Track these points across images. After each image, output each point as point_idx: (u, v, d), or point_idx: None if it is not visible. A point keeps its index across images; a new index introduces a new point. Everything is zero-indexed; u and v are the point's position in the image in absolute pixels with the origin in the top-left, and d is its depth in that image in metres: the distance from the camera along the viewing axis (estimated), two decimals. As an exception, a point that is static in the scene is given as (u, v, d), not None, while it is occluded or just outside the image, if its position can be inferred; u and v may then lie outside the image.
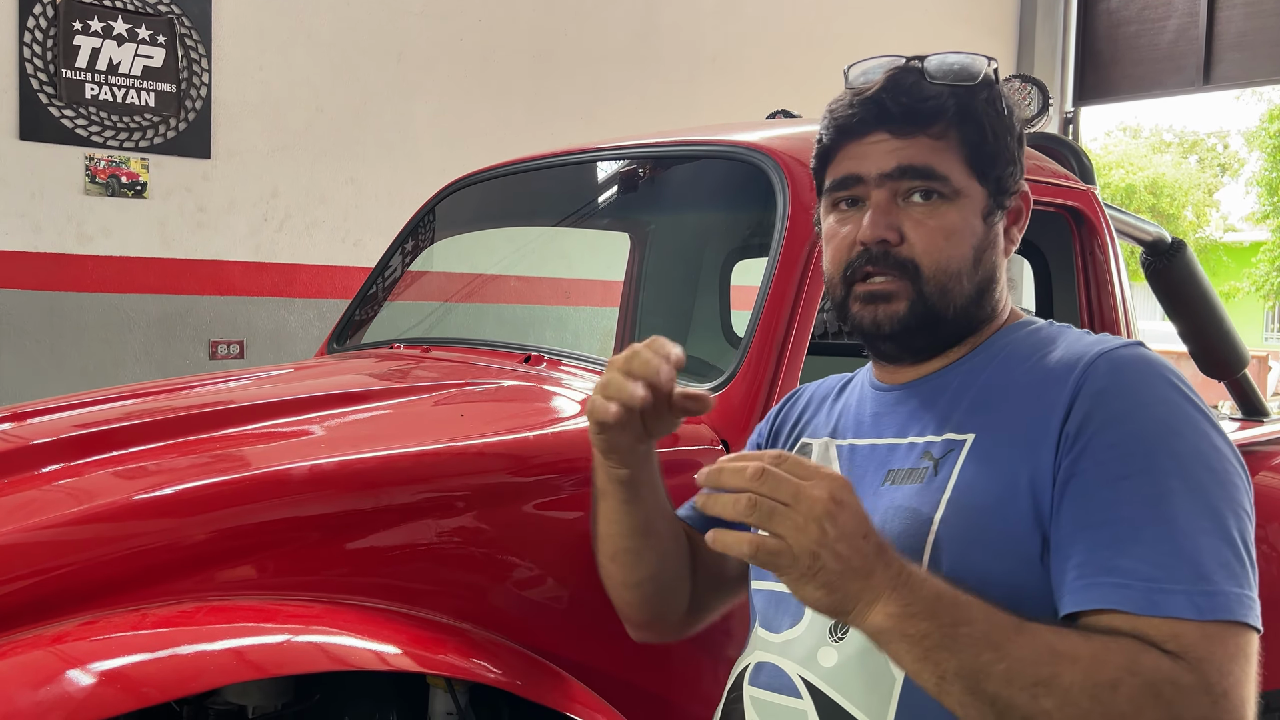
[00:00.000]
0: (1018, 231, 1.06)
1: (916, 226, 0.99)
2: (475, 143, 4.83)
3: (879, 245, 0.99)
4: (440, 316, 2.43)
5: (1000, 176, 1.01)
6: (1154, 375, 0.91)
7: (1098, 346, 0.94)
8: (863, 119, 1.00)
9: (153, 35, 4.07)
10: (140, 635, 0.94)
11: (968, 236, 1.00)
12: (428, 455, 1.25)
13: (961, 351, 1.04)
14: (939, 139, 0.99)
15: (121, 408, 1.52)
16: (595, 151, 2.03)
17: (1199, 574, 0.81)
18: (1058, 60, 7.61)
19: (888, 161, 0.99)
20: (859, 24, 6.36)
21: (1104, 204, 2.00)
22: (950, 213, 0.99)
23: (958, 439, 0.96)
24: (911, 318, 1.00)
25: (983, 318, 1.04)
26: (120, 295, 4.09)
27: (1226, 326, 2.51)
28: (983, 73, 1.00)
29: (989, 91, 1.00)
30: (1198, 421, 0.88)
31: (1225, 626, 0.81)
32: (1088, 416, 0.88)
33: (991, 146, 1.00)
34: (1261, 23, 6.89)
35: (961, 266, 1.00)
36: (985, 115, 1.00)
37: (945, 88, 0.99)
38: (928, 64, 1.00)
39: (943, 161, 0.98)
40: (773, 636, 1.04)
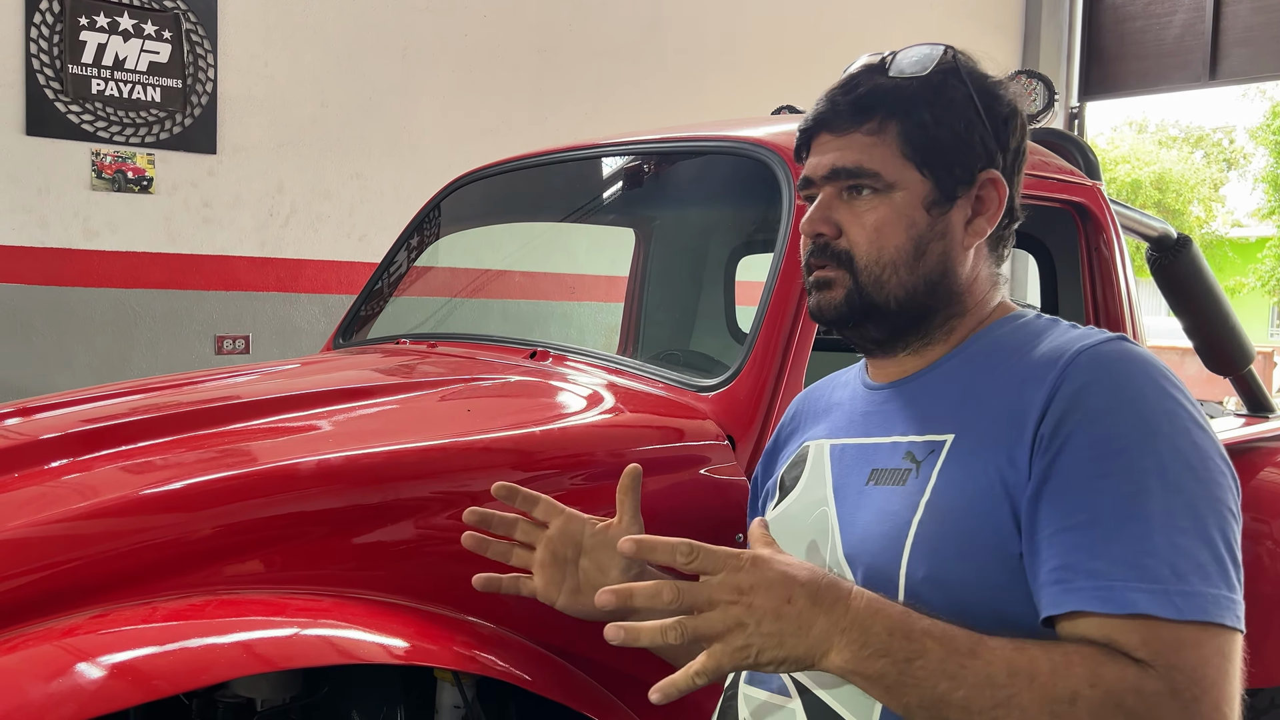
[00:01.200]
0: (986, 222, 1.03)
1: (851, 221, 1.02)
2: (480, 138, 4.83)
3: (818, 239, 1.03)
4: (446, 312, 2.43)
5: (949, 165, 1.00)
6: (1135, 370, 0.89)
7: (1079, 342, 0.92)
8: (816, 117, 1.05)
9: (158, 30, 4.08)
10: (150, 629, 0.95)
11: (903, 227, 1.00)
12: (434, 450, 1.25)
13: (940, 350, 1.03)
14: (874, 134, 1.00)
15: (128, 403, 1.53)
16: (601, 147, 2.03)
17: (1175, 574, 0.80)
18: (1063, 55, 7.59)
19: (824, 165, 1.03)
20: (864, 19, 6.35)
21: (1110, 199, 2.00)
22: (882, 206, 1.00)
23: (937, 440, 0.96)
24: (847, 306, 1.02)
25: (946, 310, 1.02)
26: (126, 290, 4.10)
27: (1232, 322, 2.51)
28: (933, 64, 1.00)
29: (942, 80, 1.00)
30: (1179, 418, 0.87)
31: (1201, 628, 0.79)
32: (1065, 415, 0.87)
33: (933, 135, 1.00)
34: (1268, 17, 6.87)
35: (896, 257, 1.00)
36: (930, 105, 1.00)
37: (891, 81, 1.01)
38: (896, 57, 1.03)
39: (873, 158, 1.00)
40: None
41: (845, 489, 1.02)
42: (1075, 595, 0.82)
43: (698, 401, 1.48)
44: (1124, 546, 0.82)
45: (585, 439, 1.36)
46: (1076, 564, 0.83)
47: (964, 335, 1.03)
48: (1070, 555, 0.83)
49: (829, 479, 1.05)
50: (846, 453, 1.05)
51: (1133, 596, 0.80)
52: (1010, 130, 1.03)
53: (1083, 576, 0.82)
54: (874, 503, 0.97)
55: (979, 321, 1.04)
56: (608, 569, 1.08)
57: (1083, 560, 0.82)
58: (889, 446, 1.00)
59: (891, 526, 0.93)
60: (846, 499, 1.01)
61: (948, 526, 0.90)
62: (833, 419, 1.11)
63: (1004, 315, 1.04)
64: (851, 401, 1.11)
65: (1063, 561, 0.84)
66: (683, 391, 1.51)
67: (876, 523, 0.95)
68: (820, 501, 1.03)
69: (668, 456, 1.39)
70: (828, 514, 1.01)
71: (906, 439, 0.99)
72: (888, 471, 0.98)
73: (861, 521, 0.97)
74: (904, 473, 0.96)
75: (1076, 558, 0.83)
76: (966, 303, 1.03)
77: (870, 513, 0.97)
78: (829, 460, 1.07)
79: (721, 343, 2.45)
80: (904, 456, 0.97)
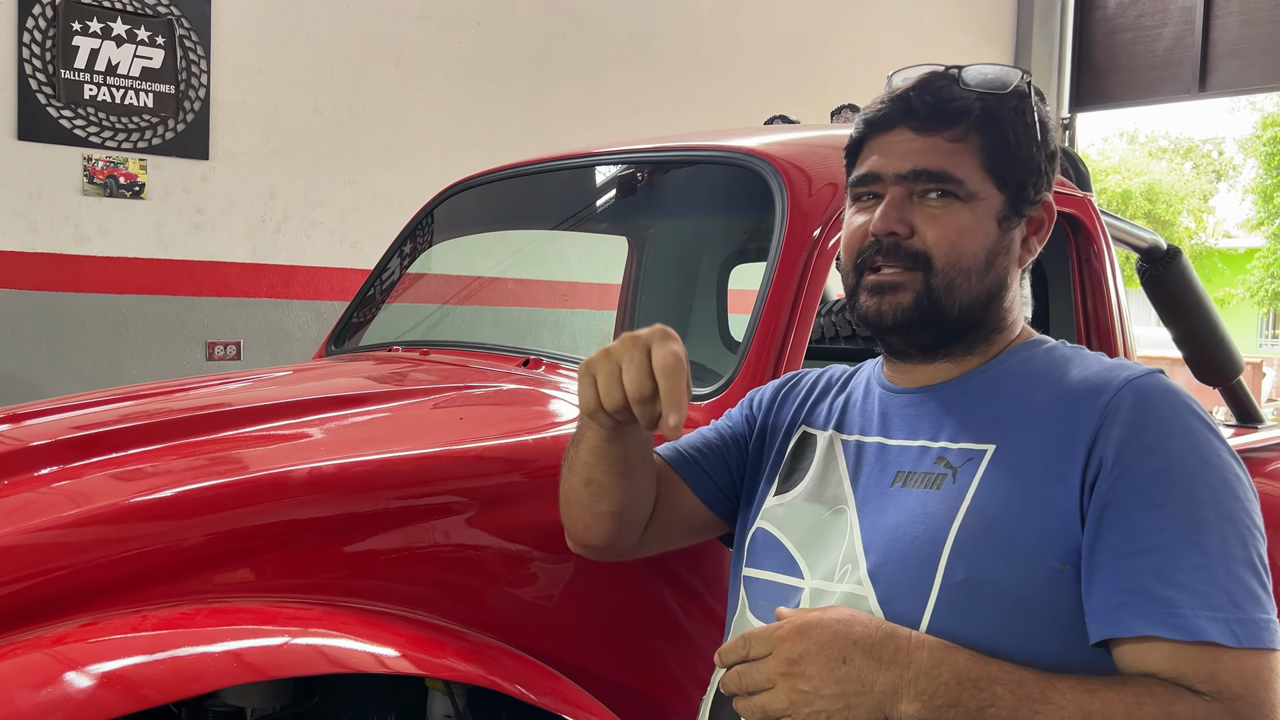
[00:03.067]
0: (1037, 242, 1.07)
1: (929, 221, 1.01)
2: (473, 146, 4.83)
3: (889, 238, 1.02)
4: (438, 319, 2.43)
5: (1021, 184, 1.03)
6: (1180, 405, 0.93)
7: (1122, 373, 0.96)
8: (889, 114, 1.04)
9: (152, 36, 4.07)
10: (140, 637, 0.94)
11: (980, 237, 1.02)
12: (427, 458, 1.25)
13: (976, 361, 1.05)
14: (958, 141, 1.01)
15: (119, 409, 1.52)
16: (594, 156, 2.03)
17: (1233, 602, 0.84)
18: (1055, 67, 7.63)
19: (904, 163, 1.02)
20: (857, 30, 6.37)
21: (1100, 211, 2.01)
22: (963, 212, 1.01)
23: (977, 449, 0.97)
24: (915, 310, 1.02)
25: (991, 324, 1.05)
26: (117, 296, 4.09)
27: (1221, 333, 2.52)
28: (1014, 84, 1.03)
29: (1019, 102, 1.03)
30: (1220, 451, 0.91)
31: (1258, 654, 0.84)
32: (1123, 445, 0.90)
33: (1013, 153, 1.02)
34: (1257, 30, 6.92)
35: (972, 264, 1.01)
36: (1010, 123, 1.02)
37: (974, 93, 1.02)
38: (964, 73, 1.04)
39: (959, 165, 1.01)
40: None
41: (868, 489, 1.03)
42: (1143, 620, 0.85)
43: (690, 410, 1.48)
44: (1187, 575, 0.85)
45: (578, 448, 1.35)
46: (1144, 588, 0.86)
47: (996, 351, 1.06)
48: (1137, 579, 0.86)
49: (844, 475, 1.06)
50: (865, 451, 1.06)
51: (1201, 624, 0.83)
52: (1055, 163, 1.08)
53: (1150, 601, 0.85)
54: (904, 504, 0.98)
55: (1007, 339, 1.07)
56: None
57: (1151, 585, 0.85)
58: (917, 450, 1.02)
59: (927, 528, 0.95)
60: (868, 499, 1.02)
61: (991, 533, 0.92)
62: (843, 413, 1.12)
63: (1029, 338, 1.08)
64: (865, 400, 1.11)
65: (1129, 585, 0.86)
66: (675, 400, 1.51)
67: (909, 524, 0.96)
68: (838, 499, 1.04)
69: (660, 465, 1.39)
70: (846, 511, 1.03)
71: (938, 444, 1.00)
72: (918, 475, 0.99)
73: (889, 522, 0.98)
74: (938, 477, 0.98)
75: (1143, 582, 0.86)
76: (1007, 319, 1.07)
77: (900, 514, 0.98)
78: (843, 456, 1.08)
79: (714, 351, 2.45)
80: (936, 461, 0.99)
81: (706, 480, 1.19)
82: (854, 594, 0.97)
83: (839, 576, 0.99)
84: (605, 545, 1.15)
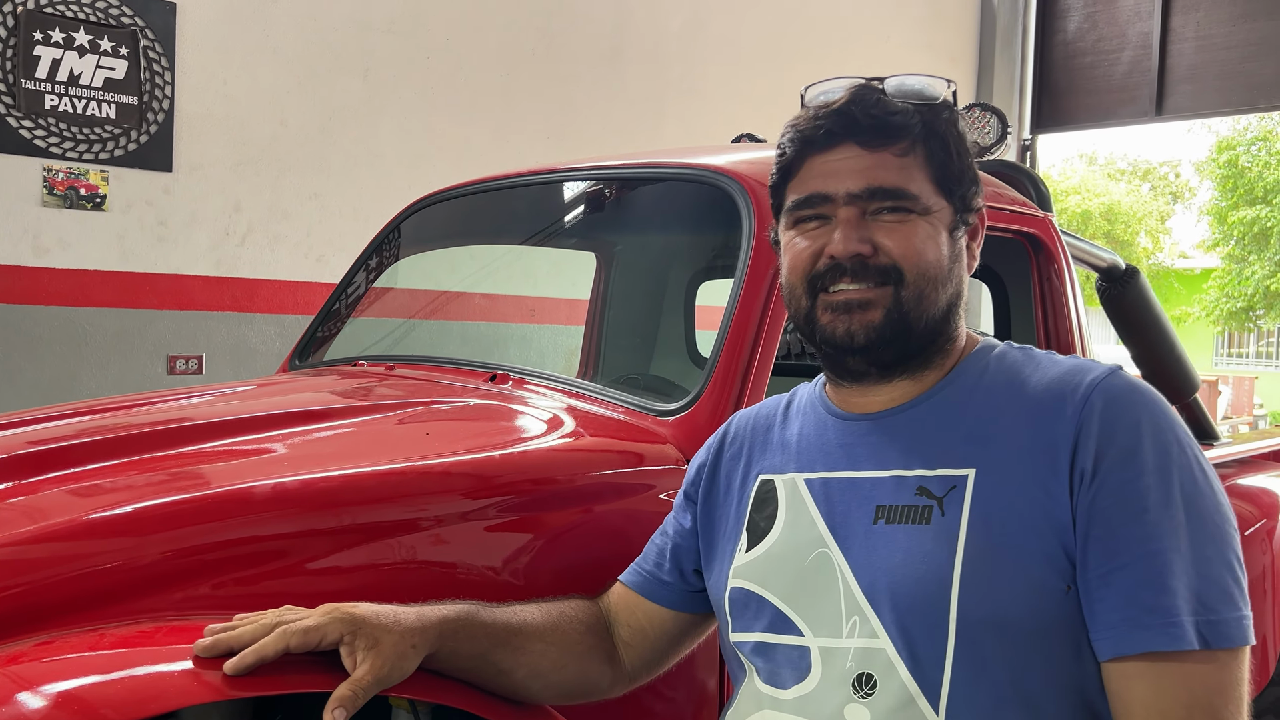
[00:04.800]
0: (976, 247, 1.08)
1: (890, 235, 0.99)
2: (441, 160, 4.82)
3: (854, 260, 0.99)
4: (404, 334, 2.42)
5: (964, 194, 1.03)
6: (1146, 403, 0.93)
7: (1085, 376, 0.95)
8: (830, 131, 0.99)
9: (115, 47, 4.03)
10: (97, 656, 0.92)
11: (939, 247, 1.00)
12: (392, 474, 1.24)
13: (930, 379, 1.02)
14: (905, 155, 0.99)
15: (78, 424, 1.49)
16: (562, 172, 2.04)
17: (1204, 604, 0.86)
18: (1016, 89, 7.77)
19: (856, 182, 0.98)
20: (822, 50, 6.45)
21: (1060, 231, 2.05)
22: (921, 224, 1.00)
23: (957, 474, 0.94)
24: (887, 326, 0.99)
25: (949, 334, 1.03)
26: (77, 309, 4.02)
27: (1178, 351, 2.57)
28: (942, 94, 1.02)
29: (949, 112, 1.03)
30: (1189, 446, 0.92)
31: (1232, 653, 0.86)
32: (1100, 453, 0.90)
33: (955, 164, 1.02)
34: (1210, 56, 7.09)
35: (937, 275, 1.00)
36: (949, 134, 1.01)
37: (911, 106, 1.01)
38: (887, 85, 1.02)
39: (911, 180, 0.99)
40: (782, 693, 0.98)
41: (847, 528, 0.98)
42: (1144, 632, 0.86)
43: (658, 426, 1.48)
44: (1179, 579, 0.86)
45: (545, 463, 1.35)
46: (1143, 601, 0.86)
47: (947, 367, 1.03)
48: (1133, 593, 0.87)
49: (817, 516, 1.00)
50: (831, 487, 1.01)
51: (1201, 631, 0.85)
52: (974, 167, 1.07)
53: (1147, 613, 0.86)
54: (895, 543, 0.94)
55: (957, 352, 1.04)
56: None
57: (1146, 597, 0.86)
58: (891, 481, 0.97)
59: (929, 569, 0.91)
60: (852, 538, 0.97)
61: (996, 565, 0.90)
62: (795, 450, 1.07)
63: (976, 345, 1.06)
64: (819, 432, 1.06)
65: (1128, 598, 0.87)
66: (643, 416, 1.51)
67: (907, 565, 0.92)
68: (816, 542, 0.99)
69: (627, 481, 1.39)
70: (830, 555, 0.98)
71: (914, 473, 0.96)
72: (901, 509, 0.95)
73: (884, 564, 0.94)
74: (924, 510, 0.94)
75: (1142, 595, 0.86)
76: (956, 329, 1.04)
77: (894, 554, 0.93)
78: (808, 495, 1.02)
79: (681, 367, 2.46)
80: (917, 492, 0.95)
81: (667, 587, 1.15)
82: (869, 648, 0.93)
83: (848, 630, 0.94)
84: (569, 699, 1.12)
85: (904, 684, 0.90)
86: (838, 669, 0.94)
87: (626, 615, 1.16)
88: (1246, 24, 6.93)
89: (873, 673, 0.92)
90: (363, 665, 0.93)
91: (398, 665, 0.95)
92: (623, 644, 1.16)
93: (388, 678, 0.94)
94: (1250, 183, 18.62)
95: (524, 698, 1.09)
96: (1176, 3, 7.24)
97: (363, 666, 0.93)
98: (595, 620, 1.16)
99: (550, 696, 1.11)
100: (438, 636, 1.00)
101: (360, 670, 0.93)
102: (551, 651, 1.09)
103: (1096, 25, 7.62)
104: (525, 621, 1.08)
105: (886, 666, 0.92)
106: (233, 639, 0.92)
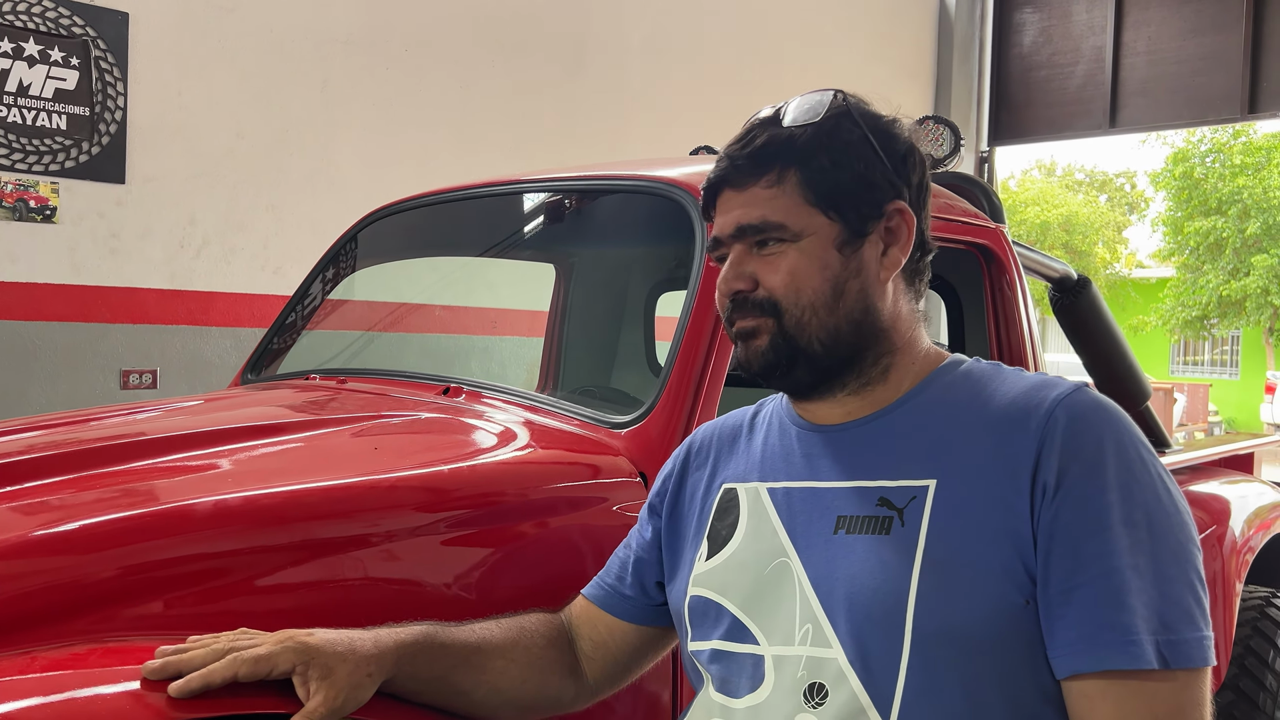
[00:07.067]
0: (900, 251, 1.03)
1: (766, 269, 1.01)
2: (399, 171, 4.79)
3: (736, 296, 1.03)
4: (361, 347, 2.39)
5: (855, 204, 1.01)
6: (1110, 420, 0.93)
7: (1051, 392, 0.95)
8: (719, 174, 1.05)
9: (66, 57, 3.97)
10: (27, 680, 0.90)
11: (819, 270, 1.00)
12: (337, 490, 1.22)
13: (891, 392, 1.02)
14: (773, 186, 1.00)
15: (23, 440, 1.46)
16: (518, 183, 2.03)
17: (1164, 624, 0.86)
18: (974, 101, 7.88)
19: (729, 223, 1.03)
20: (781, 62, 6.50)
21: (1013, 242, 2.07)
22: (792, 252, 1.00)
23: (917, 485, 0.95)
24: (773, 353, 1.01)
25: (876, 348, 1.02)
26: (26, 323, 3.95)
27: (1129, 360, 2.61)
28: (824, 110, 1.01)
29: (834, 123, 1.01)
30: (1153, 464, 0.92)
31: (1192, 673, 0.86)
32: (1063, 469, 0.90)
33: (833, 179, 1.00)
34: (1162, 70, 7.24)
35: (815, 300, 1.00)
36: (828, 150, 1.00)
37: (785, 131, 1.01)
38: (789, 107, 1.03)
39: (776, 209, 1.00)
40: (734, 702, 0.98)
41: (807, 537, 0.98)
42: (1104, 649, 0.86)
43: (611, 438, 1.48)
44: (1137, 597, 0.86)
45: (495, 477, 1.34)
46: (1100, 619, 0.86)
47: (910, 380, 1.03)
48: (1090, 611, 0.86)
49: (778, 525, 1.01)
50: (793, 497, 1.02)
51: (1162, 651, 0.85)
52: (910, 166, 1.04)
53: (1107, 630, 0.86)
54: (854, 553, 0.94)
55: (919, 365, 1.04)
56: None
57: (1106, 615, 0.86)
58: (853, 492, 0.98)
59: (886, 579, 0.91)
60: (811, 548, 0.97)
61: (953, 577, 0.90)
62: (759, 460, 1.08)
63: (943, 361, 1.05)
64: (783, 442, 1.07)
65: (1084, 616, 0.87)
66: (596, 428, 1.51)
67: (866, 574, 0.92)
68: (776, 551, 0.99)
69: (578, 494, 1.38)
70: (789, 564, 0.98)
71: (875, 484, 0.97)
72: (861, 519, 0.95)
73: (843, 573, 0.94)
74: (883, 520, 0.94)
75: (1099, 613, 0.86)
76: (894, 340, 1.03)
77: (851, 564, 0.94)
78: (770, 505, 1.03)
79: (641, 379, 2.46)
80: (878, 503, 0.95)
81: (629, 601, 1.15)
82: (819, 657, 0.93)
83: (800, 639, 0.95)
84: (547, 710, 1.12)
85: (855, 694, 0.90)
86: (789, 678, 0.94)
87: (588, 629, 1.16)
88: (1196, 39, 7.09)
89: (824, 682, 0.92)
90: (316, 696, 0.92)
91: (352, 695, 0.94)
92: (585, 657, 1.16)
93: (341, 708, 0.93)
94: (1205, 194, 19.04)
95: (485, 715, 1.08)
96: (1128, 18, 7.39)
97: (316, 698, 0.92)
98: (556, 634, 1.15)
99: (512, 714, 1.10)
100: (394, 662, 0.99)
101: (314, 701, 0.92)
102: (512, 669, 1.08)
103: (1051, 39, 7.75)
104: (484, 639, 1.08)
105: (838, 676, 0.91)
106: (182, 662, 0.91)
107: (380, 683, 0.97)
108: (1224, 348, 22.31)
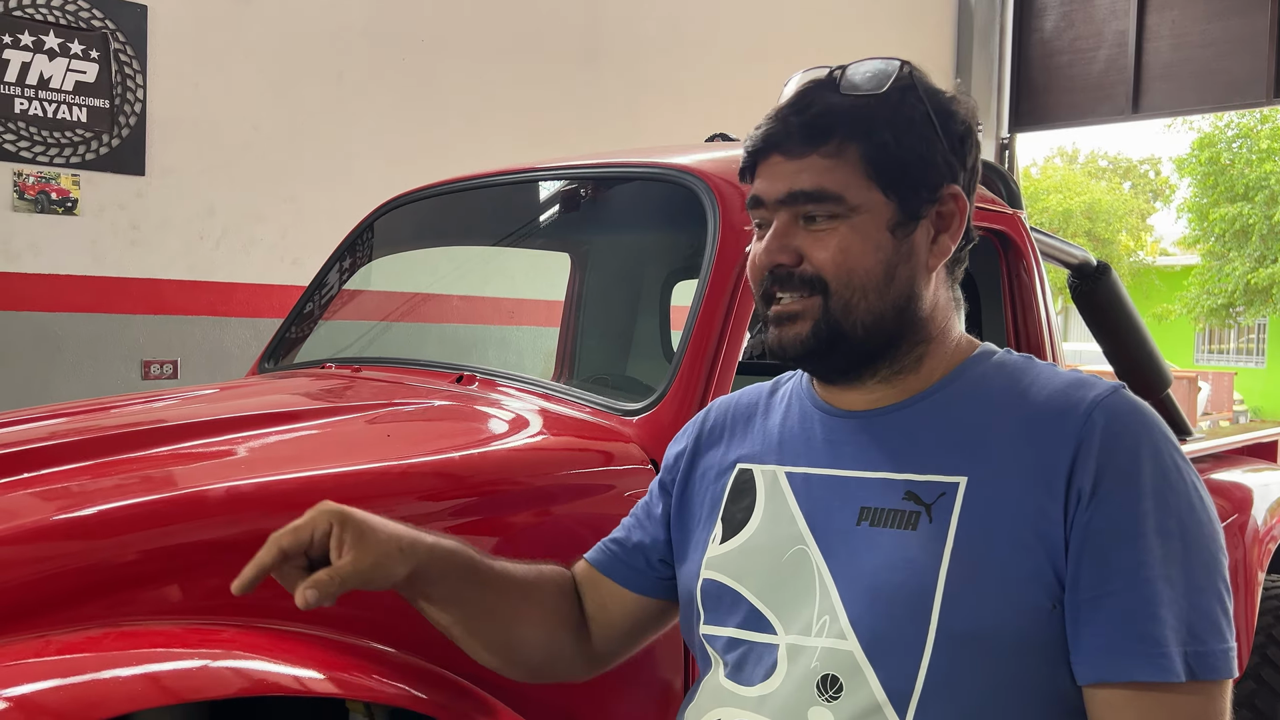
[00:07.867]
0: (950, 239, 0.99)
1: (815, 244, 0.96)
2: (416, 162, 4.80)
3: (779, 269, 0.97)
4: (376, 335, 2.40)
5: (914, 185, 0.96)
6: (1147, 426, 0.91)
7: (1088, 392, 0.92)
8: (767, 134, 0.98)
9: (86, 50, 4.00)
10: (43, 662, 0.91)
11: (872, 251, 0.95)
12: (349, 476, 1.23)
13: (921, 382, 0.99)
14: (833, 156, 0.94)
15: (45, 427, 1.48)
16: (533, 171, 2.03)
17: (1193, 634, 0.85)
18: (994, 88, 7.81)
19: (779, 187, 0.96)
20: (797, 50, 6.46)
21: (1030, 228, 2.05)
22: (845, 229, 0.95)
23: (947, 482, 0.92)
24: (814, 339, 0.96)
25: (913, 336, 0.98)
26: (49, 314, 3.99)
27: (1150, 348, 2.58)
28: (890, 81, 0.96)
29: (900, 96, 0.96)
30: (1188, 472, 0.90)
31: (1217, 684, 0.86)
32: (1099, 475, 0.88)
33: (895, 156, 0.95)
34: (1186, 54, 7.15)
35: (867, 282, 0.95)
36: (890, 124, 0.95)
37: (847, 100, 0.96)
38: (847, 73, 0.98)
39: (835, 180, 0.94)
40: (745, 690, 0.96)
41: (828, 527, 0.96)
42: (1131, 660, 0.85)
43: (623, 425, 1.48)
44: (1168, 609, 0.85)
45: (506, 464, 1.35)
46: (1129, 629, 0.85)
47: (941, 369, 1.00)
48: (1120, 622, 0.86)
49: (796, 512, 0.98)
50: (814, 484, 0.99)
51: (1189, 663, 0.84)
52: (968, 148, 1.00)
53: (1135, 641, 0.85)
54: (879, 547, 0.92)
55: (951, 355, 1.00)
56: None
57: (1135, 625, 0.85)
58: (878, 483, 0.95)
59: (912, 576, 0.89)
60: (832, 538, 0.95)
61: (982, 579, 0.88)
62: (776, 441, 1.04)
63: (975, 351, 1.02)
64: (804, 425, 1.03)
65: (1113, 626, 0.86)
66: (609, 415, 1.51)
67: (891, 570, 0.90)
68: (794, 538, 0.97)
69: (589, 481, 1.38)
70: (808, 553, 0.95)
71: (903, 477, 0.94)
72: (887, 512, 0.93)
73: (866, 567, 0.92)
74: (911, 515, 0.92)
75: (1129, 624, 0.85)
76: (930, 329, 0.99)
77: (876, 557, 0.91)
78: (789, 490, 1.00)
79: (656, 367, 2.45)
80: (904, 497, 0.93)
81: (632, 569, 1.13)
82: (836, 649, 0.91)
83: (817, 629, 0.92)
84: (534, 674, 1.12)
85: (871, 691, 0.89)
86: (802, 668, 0.92)
87: (591, 591, 1.14)
88: (1220, 22, 6.99)
89: (838, 675, 0.90)
90: (346, 555, 0.93)
91: (382, 564, 0.95)
92: (589, 618, 1.15)
93: (369, 573, 0.94)
94: (1231, 180, 18.77)
95: (495, 653, 1.08)
96: (1151, 1, 7.29)
97: (346, 557, 0.93)
98: (569, 587, 1.14)
99: (523, 656, 1.09)
100: (427, 553, 1.00)
101: (343, 560, 0.92)
102: (529, 608, 1.09)
103: (1073, 24, 7.66)
104: (509, 571, 1.08)
105: (853, 670, 0.90)
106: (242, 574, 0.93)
107: (411, 567, 0.98)
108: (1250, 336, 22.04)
